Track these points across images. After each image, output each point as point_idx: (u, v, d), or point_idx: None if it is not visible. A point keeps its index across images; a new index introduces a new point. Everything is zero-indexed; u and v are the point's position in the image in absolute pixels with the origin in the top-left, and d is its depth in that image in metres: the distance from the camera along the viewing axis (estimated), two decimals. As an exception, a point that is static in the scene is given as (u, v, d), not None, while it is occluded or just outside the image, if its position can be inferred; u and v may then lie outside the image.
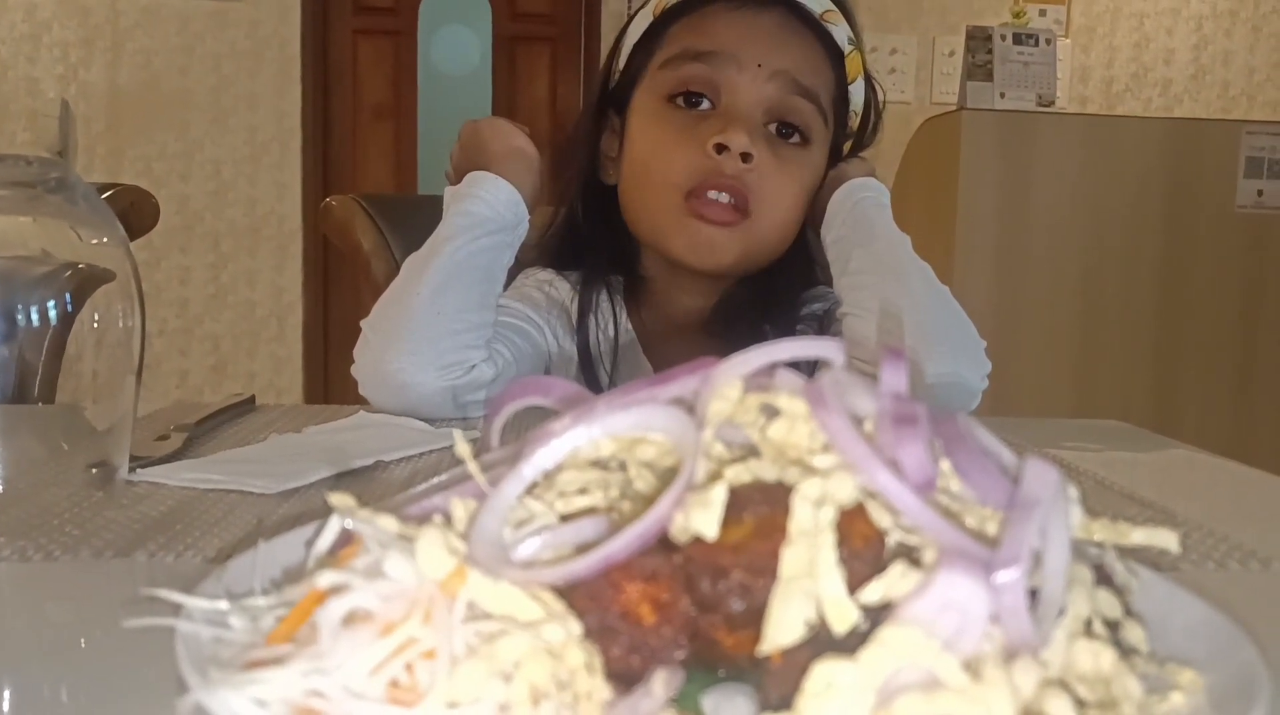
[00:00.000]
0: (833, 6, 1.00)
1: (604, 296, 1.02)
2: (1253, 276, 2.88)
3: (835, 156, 1.03)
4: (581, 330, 0.99)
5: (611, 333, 1.01)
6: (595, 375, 0.99)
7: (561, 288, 1.03)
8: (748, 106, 0.95)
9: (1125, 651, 0.31)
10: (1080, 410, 2.77)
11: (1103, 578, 0.34)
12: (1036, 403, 2.59)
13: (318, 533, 0.35)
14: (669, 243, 0.97)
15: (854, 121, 1.04)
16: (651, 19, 1.02)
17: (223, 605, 0.32)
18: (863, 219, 0.93)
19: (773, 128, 0.96)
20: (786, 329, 1.01)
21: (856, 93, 1.03)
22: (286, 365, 3.78)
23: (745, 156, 0.92)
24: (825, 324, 1.01)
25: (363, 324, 0.86)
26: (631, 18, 1.05)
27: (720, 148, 0.92)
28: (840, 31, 1.00)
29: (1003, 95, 2.98)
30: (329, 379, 3.82)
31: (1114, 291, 2.83)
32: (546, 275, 1.05)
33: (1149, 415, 2.81)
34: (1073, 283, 2.82)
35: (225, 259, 3.73)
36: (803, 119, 0.97)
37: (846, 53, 1.01)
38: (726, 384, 0.35)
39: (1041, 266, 2.80)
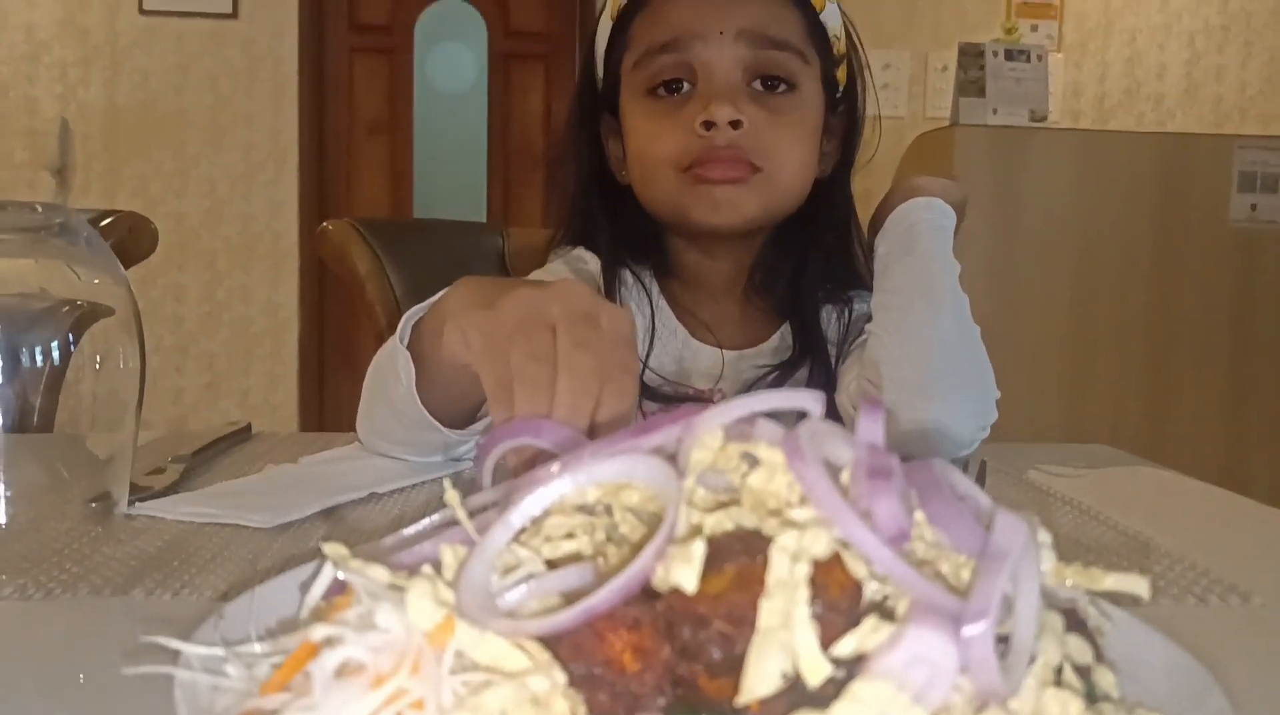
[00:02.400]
0: None
1: (628, 274, 1.03)
2: (1246, 291, 2.89)
3: (830, 86, 1.03)
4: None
5: (646, 306, 1.02)
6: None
7: (593, 263, 1.04)
8: (724, 74, 0.95)
9: (1096, 698, 0.32)
10: (1071, 427, 2.78)
11: (1075, 622, 0.35)
12: (1028, 420, 2.60)
13: (313, 576, 0.36)
14: (690, 214, 0.98)
15: (837, 46, 1.03)
16: (611, 23, 1.03)
17: (219, 652, 0.33)
18: (915, 238, 0.93)
19: (757, 84, 0.97)
20: (822, 284, 1.03)
21: (830, 18, 1.02)
22: (282, 382, 3.78)
23: (735, 124, 0.93)
24: (851, 324, 1.02)
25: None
26: (597, 23, 1.06)
27: (708, 124, 0.93)
28: None
29: (995, 111, 3.00)
30: (324, 395, 3.83)
31: (1107, 307, 2.85)
32: (576, 252, 1.05)
33: (1141, 432, 2.82)
34: (1065, 298, 2.83)
35: (221, 276, 3.74)
36: (782, 68, 0.97)
37: None
38: (708, 433, 0.36)
39: (1034, 282, 2.82)
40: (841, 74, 1.05)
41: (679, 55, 0.96)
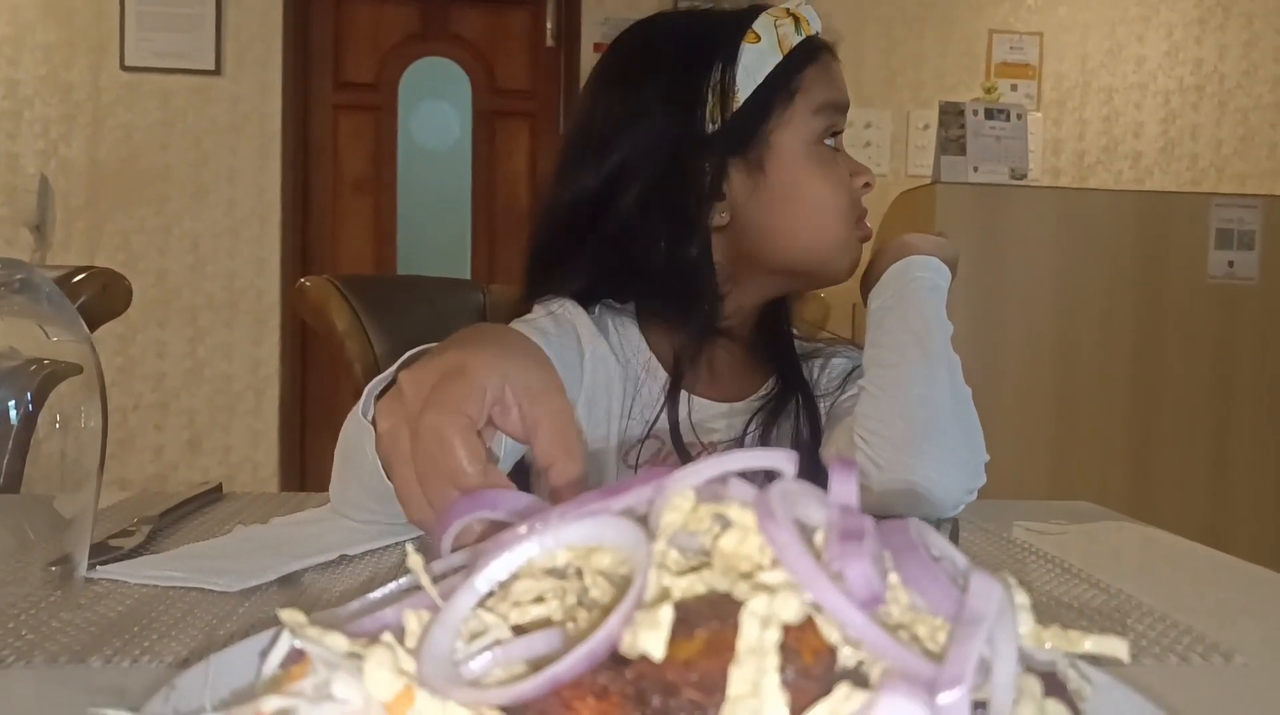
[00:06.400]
0: None
1: (613, 326, 1.02)
2: (1227, 347, 2.91)
3: None
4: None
5: (636, 364, 1.01)
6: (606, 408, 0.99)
7: (575, 312, 0.99)
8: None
9: (1075, 764, 0.31)
10: (1057, 483, 2.78)
11: (1054, 686, 0.34)
12: (1013, 477, 2.59)
13: (271, 643, 0.35)
14: (836, 265, 1.00)
15: None
16: (779, 57, 0.97)
17: (170, 724, 0.32)
18: (911, 296, 0.93)
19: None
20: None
21: None
22: (263, 438, 3.75)
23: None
24: (828, 370, 1.06)
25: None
26: (730, 50, 0.98)
27: (868, 185, 1.01)
28: None
29: (976, 168, 3.03)
30: (306, 452, 3.80)
31: (1089, 363, 2.86)
32: (558, 302, 1.00)
33: (1126, 488, 2.82)
34: (1049, 355, 2.84)
35: (203, 333, 3.73)
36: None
37: None
38: (679, 494, 0.35)
39: (1017, 339, 2.83)
40: None
41: (842, 118, 1.02)
